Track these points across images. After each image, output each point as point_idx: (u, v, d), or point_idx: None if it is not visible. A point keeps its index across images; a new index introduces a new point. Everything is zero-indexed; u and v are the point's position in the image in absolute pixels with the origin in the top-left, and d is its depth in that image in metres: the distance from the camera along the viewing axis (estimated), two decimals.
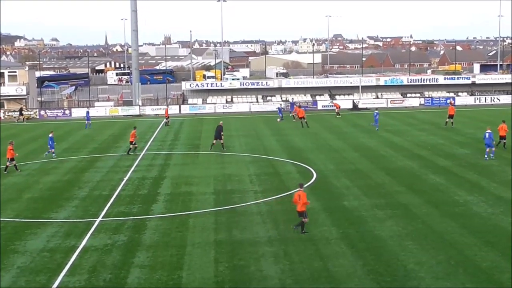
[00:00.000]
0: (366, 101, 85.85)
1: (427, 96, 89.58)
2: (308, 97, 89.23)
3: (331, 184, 36.26)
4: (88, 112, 70.54)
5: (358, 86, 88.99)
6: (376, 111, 62.24)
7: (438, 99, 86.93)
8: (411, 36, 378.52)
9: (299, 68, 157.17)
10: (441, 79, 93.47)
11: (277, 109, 71.89)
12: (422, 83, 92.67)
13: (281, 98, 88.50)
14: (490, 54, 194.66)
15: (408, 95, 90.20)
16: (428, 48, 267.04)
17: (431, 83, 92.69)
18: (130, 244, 25.48)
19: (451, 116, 61.71)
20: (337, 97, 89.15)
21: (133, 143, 49.03)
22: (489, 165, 41.06)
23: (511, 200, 31.29)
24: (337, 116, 72.90)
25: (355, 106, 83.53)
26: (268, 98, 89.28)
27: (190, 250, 24.51)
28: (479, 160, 42.72)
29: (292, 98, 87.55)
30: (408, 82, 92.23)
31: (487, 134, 43.71)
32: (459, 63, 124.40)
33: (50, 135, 47.99)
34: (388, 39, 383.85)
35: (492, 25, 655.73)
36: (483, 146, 48.00)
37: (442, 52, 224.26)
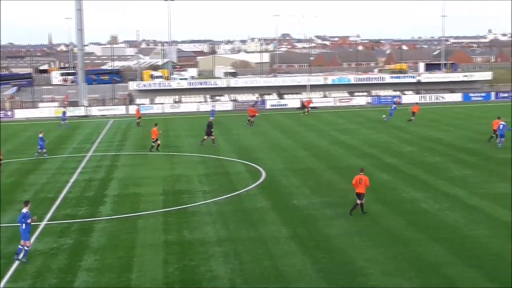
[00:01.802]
0: (314, 100, 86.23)
1: (374, 94, 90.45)
2: (256, 97, 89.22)
3: (281, 183, 36.29)
4: (64, 113, 69.58)
5: (306, 85, 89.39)
6: (394, 105, 63.79)
7: (384, 98, 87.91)
8: (358, 36, 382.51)
9: (248, 68, 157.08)
10: (388, 78, 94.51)
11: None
12: (369, 82, 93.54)
13: (229, 98, 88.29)
14: (435, 53, 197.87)
15: (356, 94, 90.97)
16: (375, 47, 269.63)
17: (378, 82, 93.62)
18: (76, 247, 25.03)
19: (414, 113, 63.98)
20: (285, 96, 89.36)
21: (156, 140, 48.28)
22: (435, 162, 41.67)
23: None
24: (305, 114, 73.19)
25: (303, 105, 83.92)
26: (217, 97, 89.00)
27: (139, 252, 24.21)
28: (425, 158, 43.32)
29: (257, 97, 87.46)
30: (355, 81, 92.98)
31: (501, 126, 47.04)
32: (405, 62, 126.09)
33: (40, 135, 47.32)
34: (336, 39, 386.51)
35: (436, 25, 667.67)
36: (429, 143, 48.84)
37: (388, 52, 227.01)
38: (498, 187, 33.92)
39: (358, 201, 28.52)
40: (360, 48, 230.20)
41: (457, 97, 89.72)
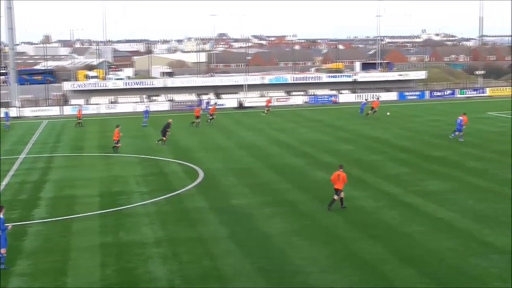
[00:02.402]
0: (252, 99, 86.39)
1: (311, 94, 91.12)
2: (193, 97, 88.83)
3: (219, 183, 36.20)
4: (7, 113, 67.84)
5: (244, 85, 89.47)
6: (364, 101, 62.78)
7: (321, 97, 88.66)
8: (295, 35, 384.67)
9: (185, 68, 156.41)
10: (325, 77, 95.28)
11: (144, 112, 68.71)
12: (306, 81, 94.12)
13: (166, 98, 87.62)
14: (370, 52, 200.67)
15: (293, 93, 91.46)
16: (312, 47, 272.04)
17: (315, 81, 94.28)
18: (9, 252, 24.27)
19: (372, 108, 67.33)
20: (222, 96, 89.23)
21: (117, 141, 47.49)
22: (372, 160, 42.22)
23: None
24: (264, 113, 73.14)
25: (240, 105, 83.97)
26: (153, 98, 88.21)
27: (74, 255, 23.76)
28: (362, 156, 43.84)
29: (209, 97, 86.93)
30: (292, 80, 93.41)
31: (458, 120, 49.99)
32: (341, 61, 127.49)
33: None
34: (273, 38, 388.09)
35: (371, 25, 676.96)
36: (367, 142, 49.52)
37: (325, 51, 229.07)
38: (431, 184, 34.56)
39: (336, 197, 29.30)
40: (297, 47, 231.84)
41: (392, 96, 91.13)
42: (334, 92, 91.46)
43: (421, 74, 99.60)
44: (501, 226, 26.42)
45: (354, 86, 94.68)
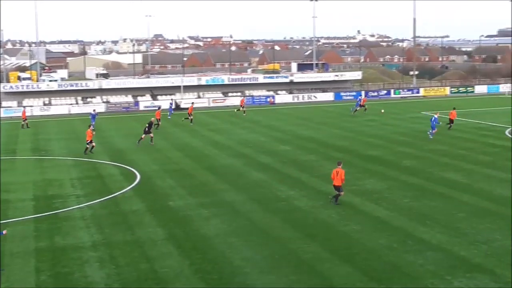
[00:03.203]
0: (189, 101, 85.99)
1: (248, 94, 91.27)
2: (129, 98, 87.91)
3: (156, 184, 35.90)
4: None
5: (180, 86, 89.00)
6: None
7: (258, 98, 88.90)
8: (231, 36, 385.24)
9: (120, 69, 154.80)
10: (261, 78, 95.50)
11: (91, 115, 67.62)
12: (243, 82, 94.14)
13: (102, 100, 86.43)
14: (306, 53, 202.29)
15: (230, 94, 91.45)
16: (248, 47, 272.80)
17: (252, 82, 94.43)
18: None
19: (363, 106, 71.31)
20: (159, 97, 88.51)
21: (90, 141, 46.60)
22: (308, 160, 42.54)
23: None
24: (237, 111, 72.98)
25: (177, 106, 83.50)
26: (88, 99, 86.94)
27: (8, 261, 23.15)
28: (299, 156, 44.12)
29: (172, 99, 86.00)
30: (229, 81, 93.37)
31: (432, 118, 51.76)
32: (277, 62, 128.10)
33: None
34: (209, 39, 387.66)
35: (307, 25, 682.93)
36: (303, 142, 49.87)
37: (261, 52, 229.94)
38: (368, 183, 35.03)
39: (340, 193, 30.27)
40: (233, 48, 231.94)
41: (329, 96, 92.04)
42: (270, 93, 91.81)
43: (357, 75, 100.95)
44: (436, 223, 26.95)
45: (291, 87, 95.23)
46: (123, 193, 33.94)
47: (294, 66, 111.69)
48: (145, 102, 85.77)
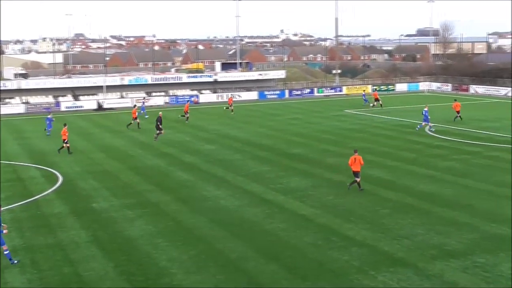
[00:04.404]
0: (111, 101, 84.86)
1: (172, 94, 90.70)
2: (50, 99, 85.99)
3: (78, 186, 35.21)
4: None
5: (103, 86, 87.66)
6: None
7: (182, 97, 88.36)
8: (154, 36, 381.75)
9: (40, 69, 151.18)
10: (185, 78, 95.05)
11: (47, 121, 65.19)
12: (167, 81, 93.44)
13: (21, 101, 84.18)
14: (230, 52, 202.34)
15: (153, 94, 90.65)
16: (171, 47, 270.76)
17: (175, 81, 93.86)
18: None
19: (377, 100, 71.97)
20: (80, 97, 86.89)
21: (66, 141, 45.54)
22: (234, 159, 42.54)
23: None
24: (226, 109, 72.42)
25: (100, 107, 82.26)
26: (7, 100, 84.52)
27: None
28: (224, 156, 44.07)
29: (144, 97, 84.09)
30: (152, 81, 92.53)
31: (424, 112, 53.55)
32: (201, 61, 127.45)
33: None
34: (131, 38, 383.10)
35: (231, 25, 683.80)
36: (228, 141, 49.88)
37: (184, 51, 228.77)
38: (292, 182, 35.26)
39: (357, 179, 32.32)
40: (156, 48, 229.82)
41: (253, 95, 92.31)
42: (195, 92, 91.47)
43: (281, 74, 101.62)
44: (360, 220, 27.34)
45: (215, 86, 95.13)
46: (45, 195, 33.15)
47: (218, 65, 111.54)
48: (66, 102, 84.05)
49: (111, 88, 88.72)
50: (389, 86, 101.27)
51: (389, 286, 19.99)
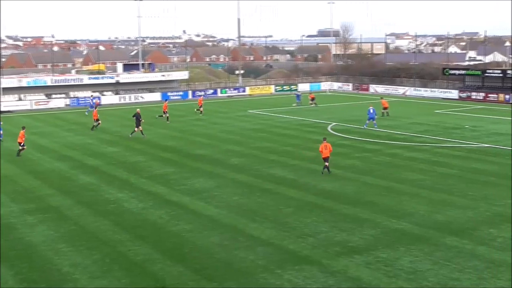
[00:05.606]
0: (9, 103, 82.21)
1: (73, 96, 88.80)
2: None
3: None
4: None
5: None
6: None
7: (83, 99, 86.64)
8: (53, 36, 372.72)
9: None
10: (86, 79, 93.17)
11: None
12: (67, 83, 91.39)
13: None
14: (132, 53, 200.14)
15: (53, 96, 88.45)
16: (71, 48, 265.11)
17: (76, 83, 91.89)
18: None
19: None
20: None
21: (22, 144, 44.09)
22: (137, 161, 42.05)
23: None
24: (197, 110, 71.15)
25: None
26: None
27: None
28: (127, 158, 43.50)
29: (91, 95, 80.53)
30: (52, 82, 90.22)
31: (371, 110, 56.26)
32: (102, 62, 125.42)
33: None
34: (29, 39, 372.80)
35: (132, 25, 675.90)
36: (131, 143, 49.36)
37: (85, 52, 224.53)
38: (197, 182, 35.17)
39: (326, 163, 36.21)
40: (55, 48, 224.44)
41: (156, 96, 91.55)
42: (96, 94, 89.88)
43: (184, 74, 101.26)
44: (265, 219, 27.54)
45: (117, 87, 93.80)
46: None
47: (119, 66, 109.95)
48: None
49: (8, 90, 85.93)
50: (292, 86, 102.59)
51: (295, 284, 20.21)
